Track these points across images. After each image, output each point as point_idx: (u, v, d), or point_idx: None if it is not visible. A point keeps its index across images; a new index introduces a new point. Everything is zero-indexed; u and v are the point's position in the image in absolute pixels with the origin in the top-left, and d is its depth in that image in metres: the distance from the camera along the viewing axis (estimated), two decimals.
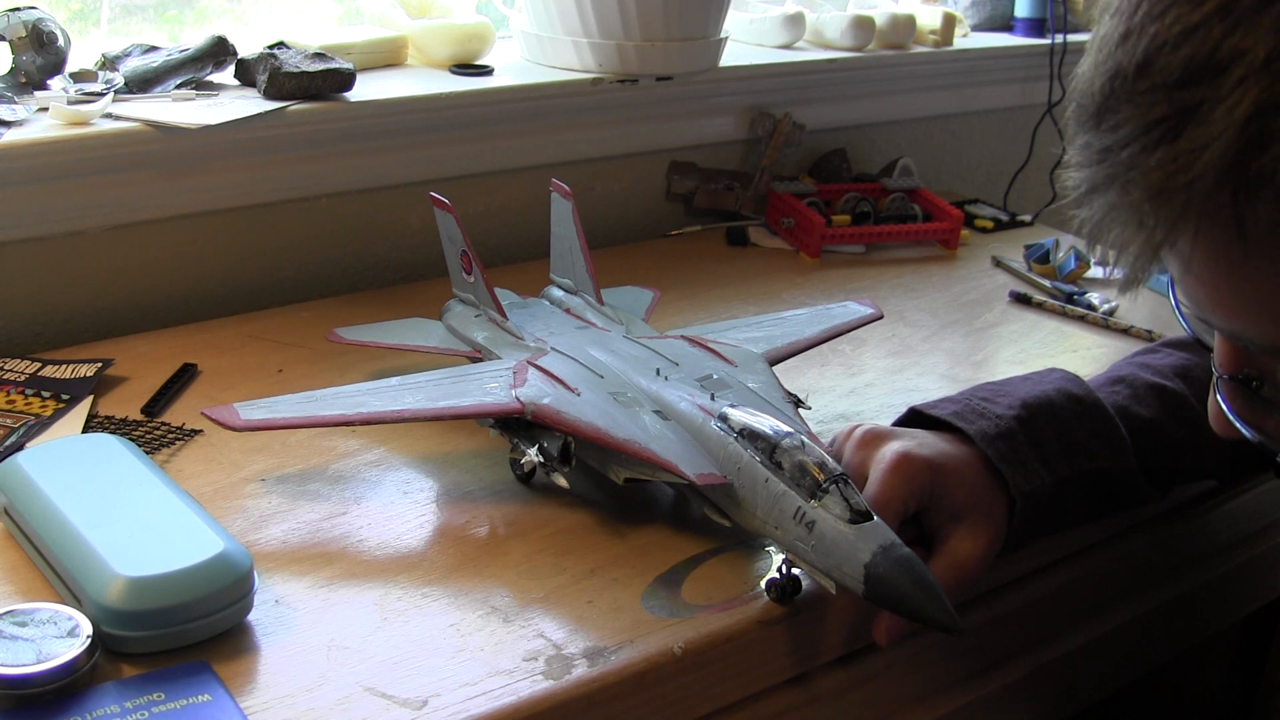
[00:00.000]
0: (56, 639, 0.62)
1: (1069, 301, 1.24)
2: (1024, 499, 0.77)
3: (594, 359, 0.86)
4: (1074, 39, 1.65)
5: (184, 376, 0.98)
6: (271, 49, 1.14)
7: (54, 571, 0.69)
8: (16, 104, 1.04)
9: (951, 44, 1.60)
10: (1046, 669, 0.88)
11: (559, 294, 1.01)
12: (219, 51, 1.14)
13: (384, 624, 0.70)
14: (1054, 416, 0.81)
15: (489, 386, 0.83)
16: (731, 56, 1.40)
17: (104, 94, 1.07)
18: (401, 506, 0.82)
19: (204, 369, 1.00)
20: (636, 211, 1.41)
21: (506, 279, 1.04)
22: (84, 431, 0.88)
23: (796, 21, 1.49)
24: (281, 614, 0.70)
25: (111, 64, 1.13)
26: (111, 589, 0.64)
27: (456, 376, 0.85)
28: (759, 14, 1.51)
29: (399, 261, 1.27)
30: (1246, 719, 1.22)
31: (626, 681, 0.67)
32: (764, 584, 0.74)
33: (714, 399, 0.79)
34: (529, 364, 0.85)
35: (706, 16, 1.31)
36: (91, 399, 0.93)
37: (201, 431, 0.89)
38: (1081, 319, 1.21)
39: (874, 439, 0.78)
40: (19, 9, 1.07)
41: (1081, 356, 1.13)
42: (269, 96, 1.12)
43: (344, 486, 0.84)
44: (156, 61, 1.13)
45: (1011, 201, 1.63)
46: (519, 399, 0.80)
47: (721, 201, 1.43)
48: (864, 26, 1.50)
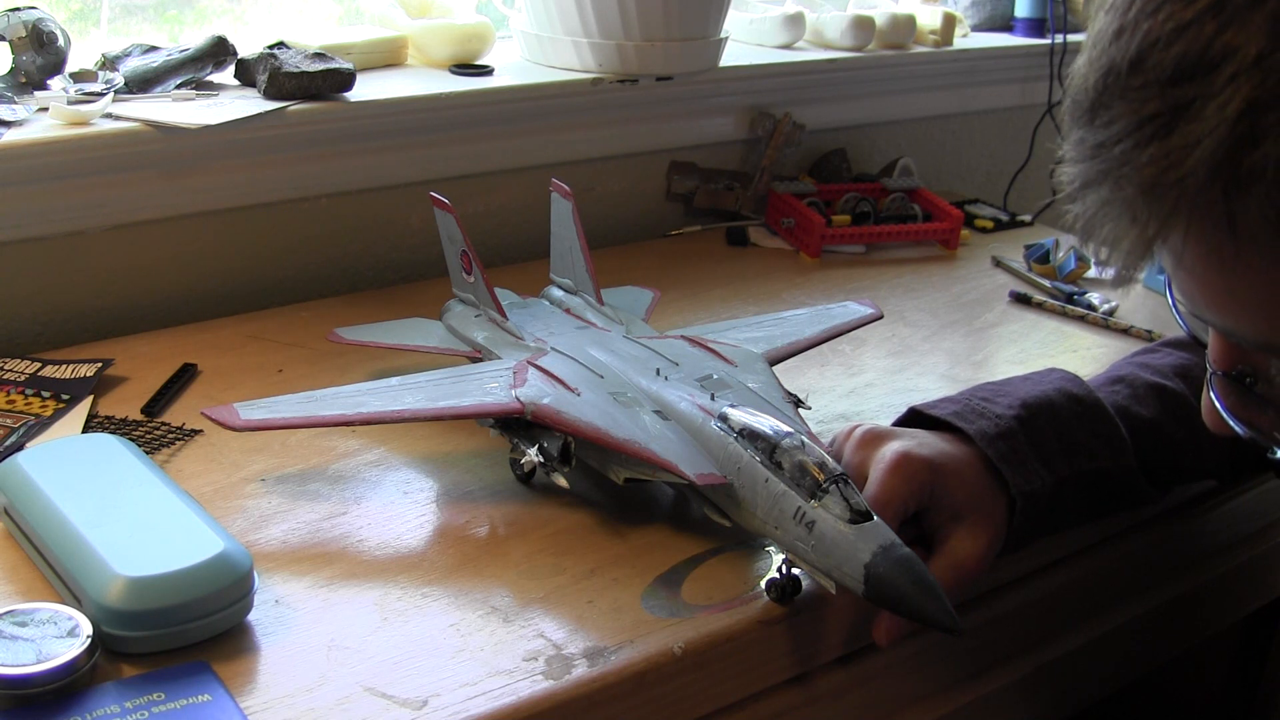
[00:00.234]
0: (56, 639, 0.62)
1: (1069, 301, 1.24)
2: (1024, 499, 0.77)
3: (594, 359, 0.86)
4: (1074, 39, 1.65)
5: (184, 376, 0.98)
6: (271, 49, 1.14)
7: (54, 571, 0.69)
8: (16, 104, 1.04)
9: (951, 44, 1.60)
10: (1046, 669, 0.88)
11: (559, 294, 1.01)
12: (219, 51, 1.14)
13: (384, 624, 0.70)
14: (1054, 416, 0.81)
15: (489, 386, 0.83)
16: (731, 56, 1.40)
17: (104, 94, 1.07)
18: (401, 506, 0.82)
19: (204, 369, 1.00)
20: (636, 211, 1.41)
21: (506, 279, 1.04)
22: (84, 431, 0.88)
23: (796, 21, 1.49)
24: (281, 614, 0.70)
25: (111, 64, 1.13)
26: (111, 589, 0.64)
27: (456, 376, 0.85)
28: (759, 14, 1.51)
29: (399, 261, 1.26)
30: (1246, 719, 1.22)
31: (626, 681, 0.67)
32: (764, 584, 0.74)
33: (714, 399, 0.79)
34: (529, 364, 0.85)
35: (706, 16, 1.31)
36: (91, 399, 0.93)
37: (201, 431, 0.89)
38: (1081, 319, 1.21)
39: (874, 439, 0.78)
40: (19, 9, 1.07)
41: (1081, 356, 1.13)
42: (269, 96, 1.12)
43: (344, 486, 0.84)
44: (156, 61, 1.13)
45: (1011, 201, 1.63)
46: (519, 399, 0.80)
47: (721, 201, 1.43)
48: (864, 26, 1.50)
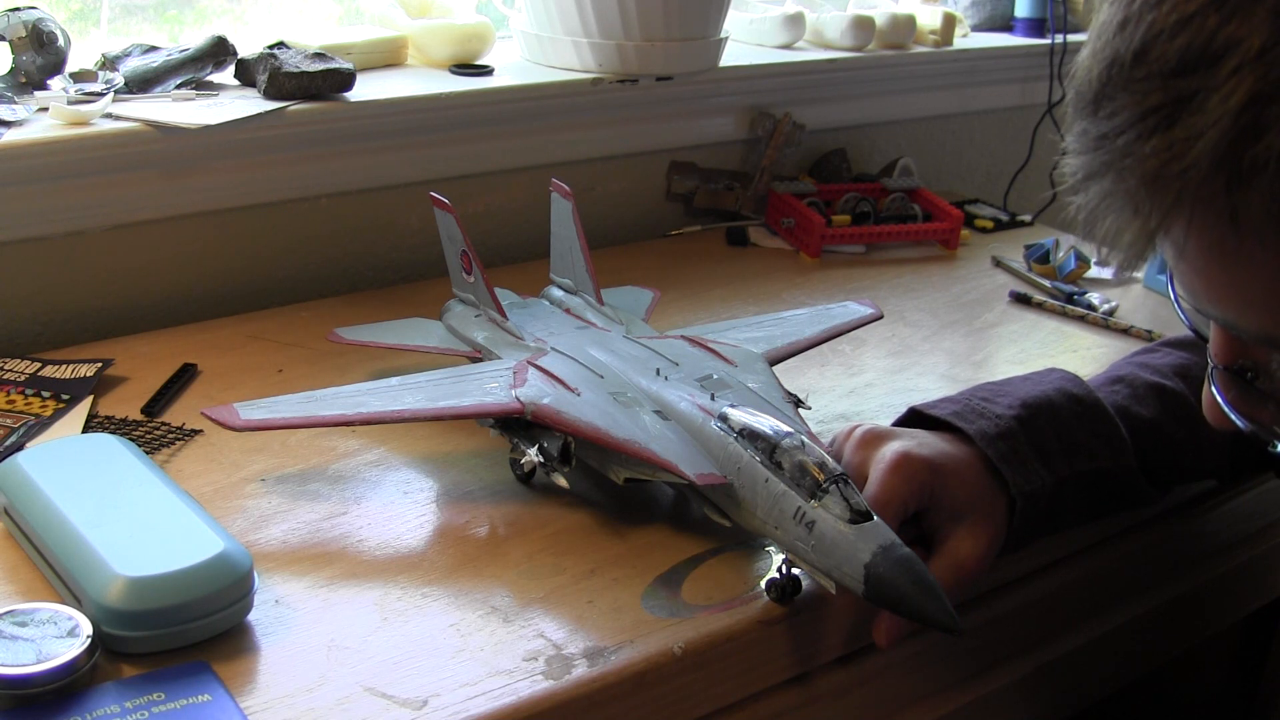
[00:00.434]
0: (56, 639, 0.62)
1: (1069, 301, 1.24)
2: (1024, 499, 0.77)
3: (594, 359, 0.86)
4: (1074, 39, 1.65)
5: (184, 376, 0.98)
6: (271, 49, 1.14)
7: (54, 571, 0.69)
8: (16, 104, 1.04)
9: (951, 44, 1.60)
10: (1046, 669, 0.88)
11: (559, 294, 1.01)
12: (219, 51, 1.14)
13: (384, 624, 0.70)
14: (1054, 416, 0.81)
15: (489, 386, 0.83)
16: (731, 56, 1.39)
17: (104, 94, 1.07)
18: (401, 506, 0.82)
19: (204, 369, 1.00)
20: (636, 211, 1.41)
21: (506, 279, 1.04)
22: (84, 431, 0.88)
23: (796, 21, 1.49)
24: (281, 614, 0.70)
25: (111, 64, 1.13)
26: (111, 589, 0.64)
27: (456, 376, 0.85)
28: (759, 14, 1.51)
29: (399, 261, 1.26)
30: (1246, 719, 1.22)
31: (626, 681, 0.67)
32: (764, 584, 0.74)
33: (714, 399, 0.79)
34: (529, 364, 0.85)
35: (706, 16, 1.31)
36: (91, 399, 0.93)
37: (201, 431, 0.89)
38: (1081, 319, 1.21)
39: (874, 439, 0.78)
40: (19, 9, 1.07)
41: (1081, 356, 1.13)
42: (269, 96, 1.12)
43: (344, 486, 0.84)
44: (156, 61, 1.13)
45: (1011, 201, 1.63)
46: (519, 399, 0.80)
47: (721, 201, 1.43)
48: (864, 26, 1.50)
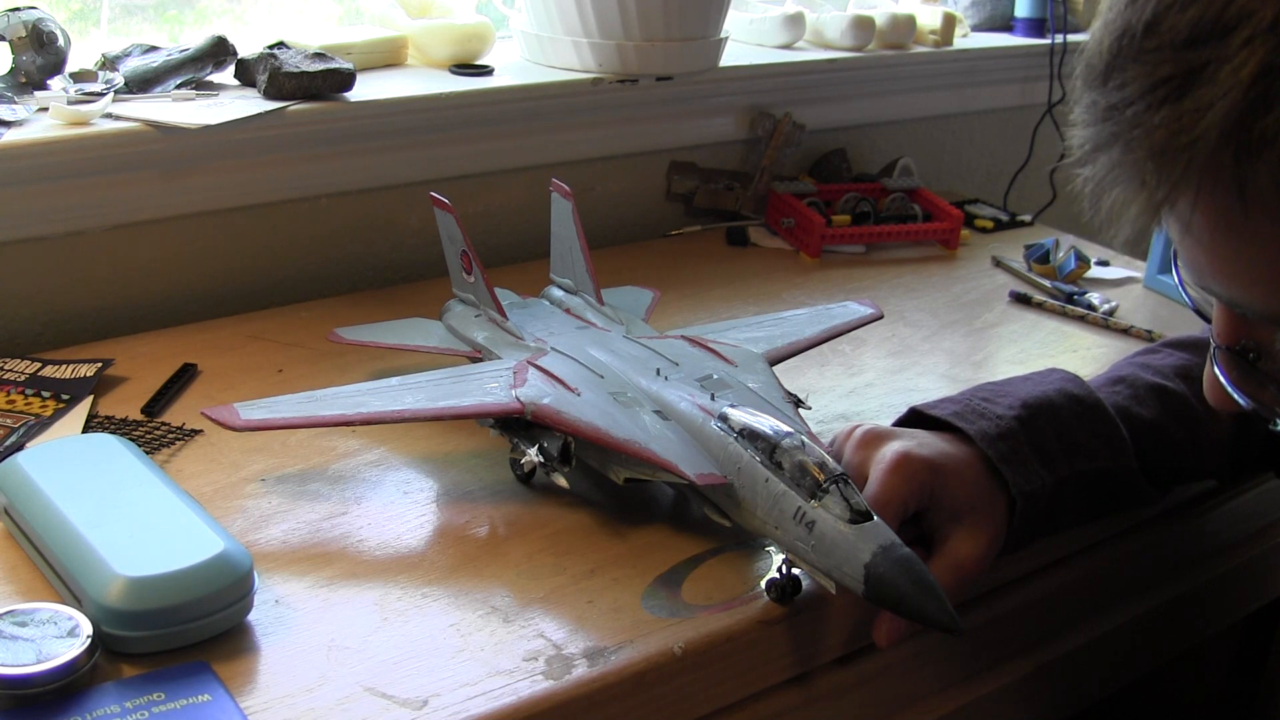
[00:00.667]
0: (56, 639, 0.62)
1: (1069, 301, 1.24)
2: (1024, 499, 0.77)
3: (594, 359, 0.86)
4: (1074, 39, 1.65)
5: (184, 376, 0.98)
6: (271, 49, 1.14)
7: (54, 571, 0.69)
8: (16, 104, 1.04)
9: (951, 44, 1.60)
10: (1046, 669, 0.88)
11: (559, 294, 1.01)
12: (219, 51, 1.14)
13: (384, 624, 0.70)
14: (1054, 417, 0.81)
15: (489, 386, 0.83)
16: (731, 56, 1.39)
17: (104, 94, 1.07)
18: (401, 506, 0.82)
19: (204, 369, 1.00)
20: (636, 211, 1.41)
21: (506, 279, 1.04)
22: (84, 431, 0.88)
23: (796, 21, 1.49)
24: (281, 614, 0.70)
25: (111, 64, 1.13)
26: (111, 589, 0.64)
27: (456, 376, 0.85)
28: (759, 14, 1.51)
29: (399, 261, 1.26)
30: (1246, 719, 1.22)
31: (626, 681, 0.67)
32: (764, 584, 0.74)
33: (714, 399, 0.79)
34: (529, 364, 0.85)
35: (706, 16, 1.31)
36: (91, 399, 0.93)
37: (201, 431, 0.89)
38: (1081, 319, 1.21)
39: (874, 439, 0.78)
40: (19, 9, 1.07)
41: (1081, 356, 1.13)
42: (269, 96, 1.12)
43: (344, 486, 0.84)
44: (156, 61, 1.13)
45: (1011, 201, 1.63)
46: (519, 399, 0.80)
47: (721, 201, 1.43)
48: (864, 26, 1.50)
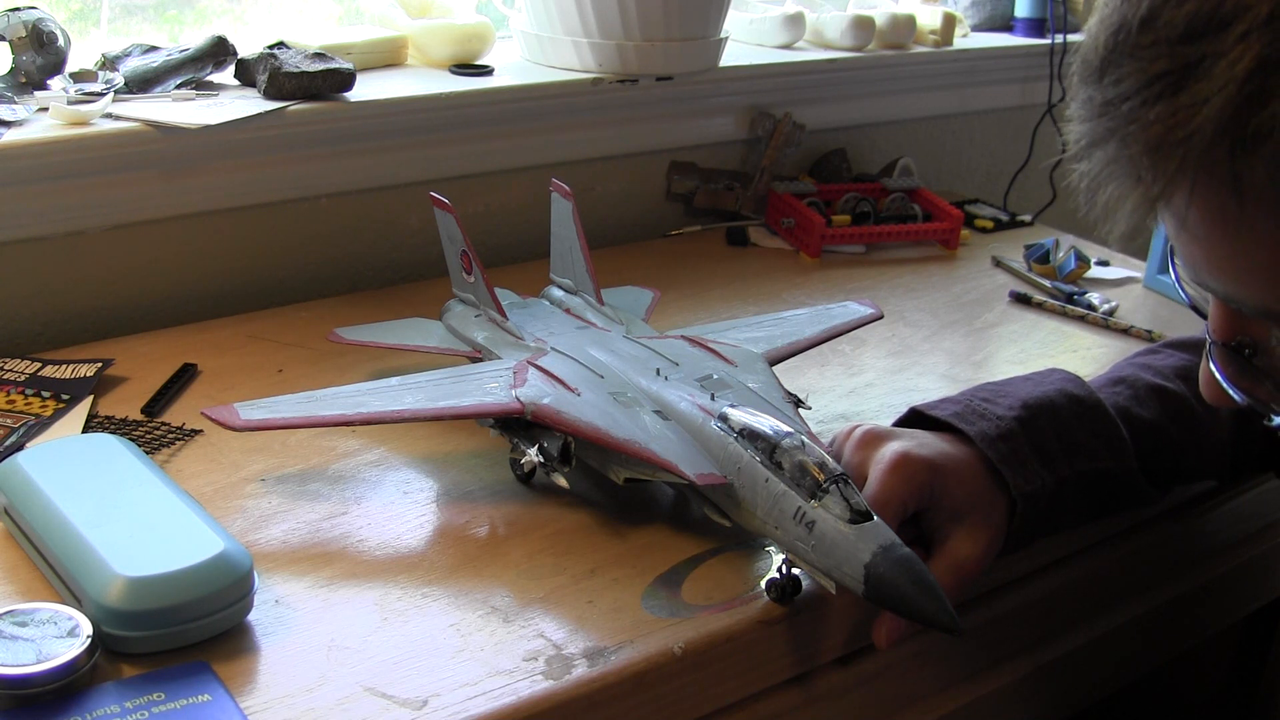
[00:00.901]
0: (56, 639, 0.62)
1: (1069, 301, 1.24)
2: (1024, 500, 0.77)
3: (594, 359, 0.86)
4: (1074, 39, 1.65)
5: (184, 376, 0.98)
6: (271, 49, 1.14)
7: (54, 571, 0.69)
8: (16, 104, 1.04)
9: (951, 44, 1.60)
10: (1046, 669, 0.88)
11: (559, 294, 1.01)
12: (219, 51, 1.14)
13: (384, 624, 0.70)
14: (1055, 417, 0.81)
15: (489, 386, 0.83)
16: (731, 56, 1.39)
17: (104, 94, 1.07)
18: (401, 506, 0.82)
19: (204, 369, 1.00)
20: (636, 211, 1.41)
21: (506, 279, 1.04)
22: (84, 431, 0.88)
23: (796, 21, 1.49)
24: (281, 614, 0.70)
25: (111, 64, 1.13)
26: (111, 589, 0.64)
27: (456, 376, 0.85)
28: (759, 14, 1.51)
29: (399, 261, 1.26)
30: (1246, 719, 1.22)
31: (626, 681, 0.67)
32: (764, 584, 0.74)
33: (714, 399, 0.79)
34: (529, 364, 0.85)
35: (706, 16, 1.31)
36: (91, 399, 0.93)
37: (201, 431, 0.89)
38: (1081, 319, 1.21)
39: (874, 439, 0.78)
40: (19, 9, 1.07)
41: (1081, 356, 1.13)
42: (269, 96, 1.12)
43: (344, 486, 0.84)
44: (156, 61, 1.13)
45: (1011, 201, 1.63)
46: (519, 399, 0.80)
47: (721, 201, 1.43)
48: (864, 26, 1.50)
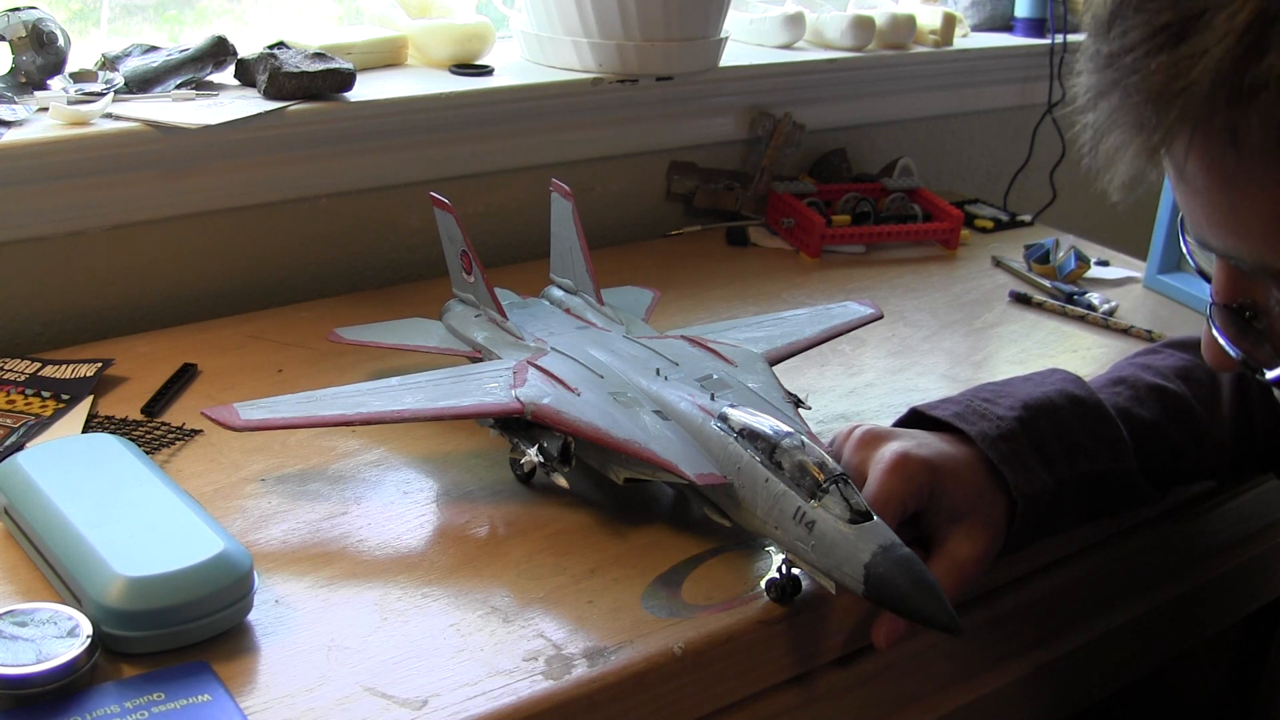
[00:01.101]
0: (56, 639, 0.62)
1: (1069, 301, 1.24)
2: (1025, 500, 0.77)
3: (594, 359, 0.86)
4: (1074, 39, 1.65)
5: (184, 376, 0.98)
6: (271, 49, 1.14)
7: (54, 571, 0.69)
8: (16, 104, 1.04)
9: (951, 44, 1.60)
10: (1046, 669, 0.88)
11: (559, 294, 1.01)
12: (219, 51, 1.14)
13: (384, 624, 0.70)
14: (1055, 418, 0.81)
15: (489, 386, 0.83)
16: (731, 56, 1.39)
17: (104, 94, 1.07)
18: (401, 506, 0.82)
19: (204, 369, 1.00)
20: (636, 211, 1.41)
21: (506, 279, 1.04)
22: (84, 431, 0.88)
23: (796, 21, 1.49)
24: (281, 614, 0.70)
25: (111, 64, 1.13)
26: (111, 589, 0.64)
27: (456, 376, 0.85)
28: (759, 14, 1.51)
29: (399, 261, 1.26)
30: (1246, 719, 1.22)
31: (626, 681, 0.67)
32: (764, 584, 0.74)
33: (714, 399, 0.79)
34: (529, 364, 0.85)
35: (706, 16, 1.31)
36: (91, 399, 0.93)
37: (201, 431, 0.89)
38: (1081, 319, 1.21)
39: (873, 439, 0.78)
40: (19, 9, 1.07)
41: (1081, 356, 1.13)
42: (269, 96, 1.12)
43: (344, 486, 0.84)
44: (156, 61, 1.13)
45: (1011, 201, 1.63)
46: (519, 399, 0.80)
47: (721, 201, 1.43)
48: (864, 26, 1.50)
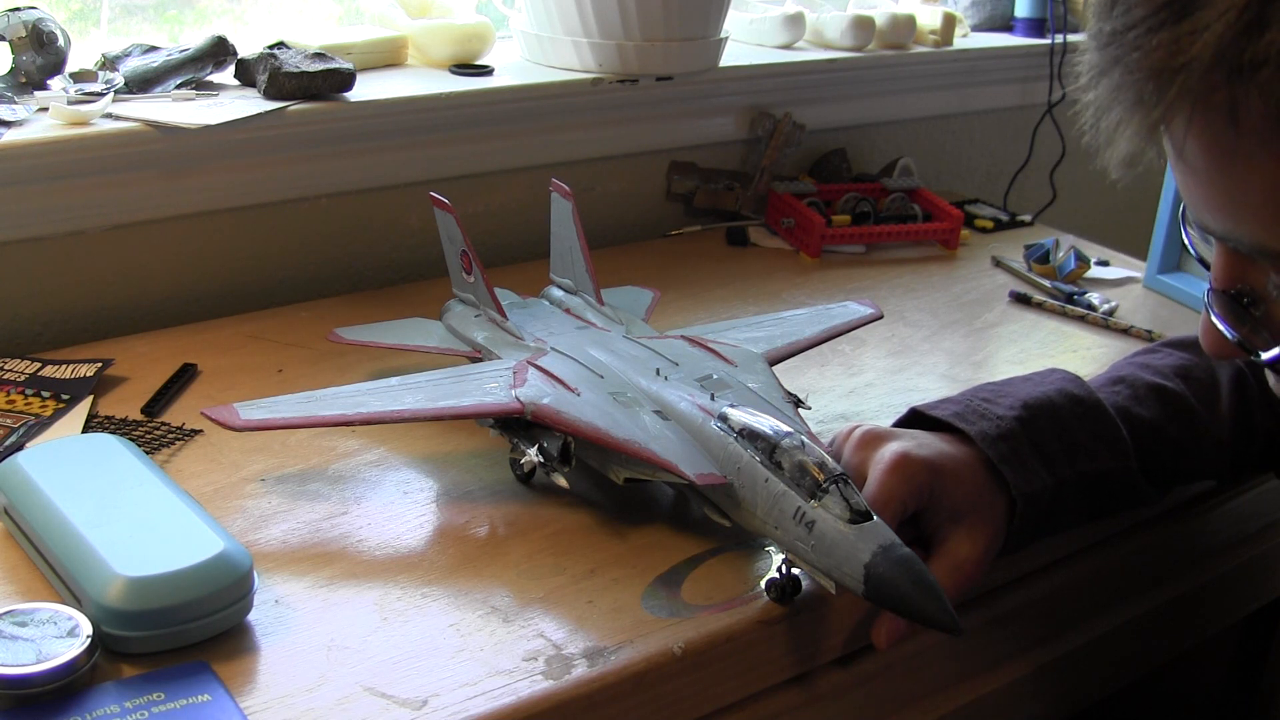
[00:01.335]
0: (56, 639, 0.62)
1: (1069, 301, 1.24)
2: (1024, 500, 0.77)
3: (594, 359, 0.86)
4: (1074, 39, 1.65)
5: (184, 376, 0.98)
6: (271, 49, 1.14)
7: (54, 571, 0.69)
8: (16, 104, 1.04)
9: (951, 44, 1.60)
10: (1046, 669, 0.88)
11: (559, 294, 1.01)
12: (219, 51, 1.14)
13: (384, 624, 0.70)
14: (1055, 417, 0.81)
15: (489, 386, 0.83)
16: (731, 56, 1.39)
17: (104, 94, 1.07)
18: (401, 506, 0.82)
19: (204, 369, 1.00)
20: (636, 211, 1.41)
21: (506, 279, 1.04)
22: (84, 431, 0.88)
23: (796, 21, 1.49)
24: (281, 614, 0.70)
25: (111, 64, 1.13)
26: (111, 589, 0.64)
27: (456, 376, 0.85)
28: (759, 14, 1.51)
29: (399, 261, 1.27)
30: (1246, 719, 1.22)
31: (626, 681, 0.67)
32: (764, 584, 0.74)
33: (714, 399, 0.79)
34: (529, 364, 0.85)
35: (706, 16, 1.31)
36: (91, 399, 0.93)
37: (201, 431, 0.89)
38: (1081, 319, 1.21)
39: (873, 439, 0.78)
40: (19, 9, 1.07)
41: (1081, 356, 1.13)
42: (269, 96, 1.12)
43: (344, 486, 0.84)
44: (156, 61, 1.13)
45: (1011, 201, 1.63)
46: (519, 399, 0.80)
47: (721, 201, 1.43)
48: (864, 26, 1.50)
